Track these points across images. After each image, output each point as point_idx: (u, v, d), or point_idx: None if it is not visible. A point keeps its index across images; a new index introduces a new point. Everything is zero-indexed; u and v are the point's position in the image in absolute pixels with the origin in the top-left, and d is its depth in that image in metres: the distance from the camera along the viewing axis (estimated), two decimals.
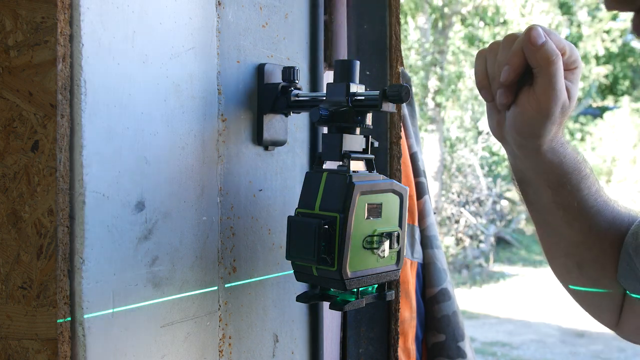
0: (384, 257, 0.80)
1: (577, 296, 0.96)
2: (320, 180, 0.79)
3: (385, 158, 1.15)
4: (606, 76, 12.76)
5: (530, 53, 0.76)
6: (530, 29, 0.77)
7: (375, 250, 0.79)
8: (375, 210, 0.79)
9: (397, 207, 0.82)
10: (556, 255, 0.92)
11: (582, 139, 12.66)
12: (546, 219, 0.88)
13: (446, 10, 9.79)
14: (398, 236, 0.81)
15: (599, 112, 13.27)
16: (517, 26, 10.50)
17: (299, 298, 0.85)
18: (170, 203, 0.77)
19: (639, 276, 0.86)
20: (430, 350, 1.45)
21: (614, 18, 11.58)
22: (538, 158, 0.83)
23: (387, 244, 0.80)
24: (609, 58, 12.51)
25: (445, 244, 9.62)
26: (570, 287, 0.94)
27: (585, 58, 12.23)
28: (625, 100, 12.35)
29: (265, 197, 0.92)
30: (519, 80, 0.80)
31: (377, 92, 0.78)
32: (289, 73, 0.87)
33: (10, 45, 0.69)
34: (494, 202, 10.46)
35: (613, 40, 11.76)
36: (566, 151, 0.84)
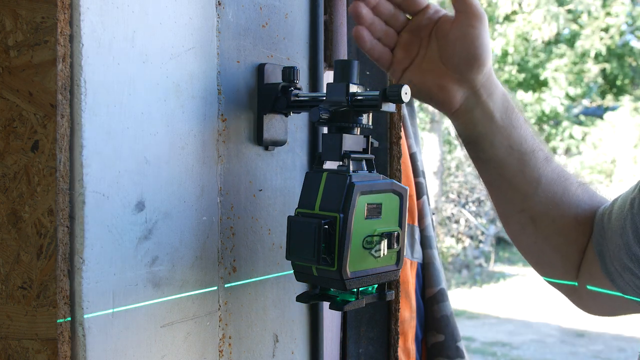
0: (379, 257, 0.79)
1: (533, 255, 0.97)
2: (320, 180, 0.79)
3: (385, 158, 1.15)
4: (605, 75, 12.76)
5: None
6: None
7: (374, 250, 0.79)
8: (375, 210, 0.79)
9: (397, 207, 0.82)
10: (510, 212, 0.94)
11: (582, 139, 12.66)
12: (500, 172, 0.90)
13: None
14: (398, 236, 0.81)
15: (599, 112, 13.27)
16: (522, 22, 10.49)
17: (299, 298, 0.85)
18: (170, 203, 0.77)
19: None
20: (429, 350, 1.45)
21: (610, 14, 11.60)
22: (484, 95, 0.86)
23: (383, 244, 0.79)
24: (608, 57, 12.51)
25: (445, 244, 9.62)
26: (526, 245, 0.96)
27: (583, 56, 12.25)
28: (626, 99, 12.34)
29: (265, 197, 0.92)
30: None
31: (377, 92, 0.78)
32: (289, 73, 0.87)
33: (10, 45, 0.69)
34: None
35: (611, 37, 11.78)
36: (501, 90, 0.88)
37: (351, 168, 0.79)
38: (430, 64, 0.87)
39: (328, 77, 1.03)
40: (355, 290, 0.79)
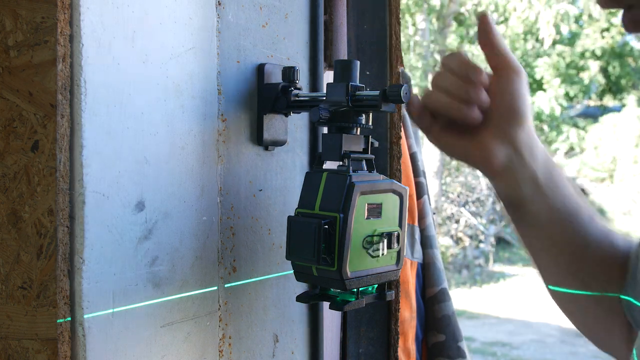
0: (378, 256, 0.79)
1: (587, 322, 0.93)
2: (320, 180, 0.79)
3: (385, 158, 1.14)
4: (606, 75, 12.76)
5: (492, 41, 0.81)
6: (484, 29, 0.81)
7: (375, 250, 0.79)
8: (375, 210, 0.79)
9: (397, 207, 0.82)
10: (560, 278, 0.89)
11: (582, 139, 12.66)
12: (547, 235, 0.86)
13: (444, 10, 9.79)
14: (398, 236, 0.81)
15: (598, 112, 13.28)
16: (518, 20, 10.49)
17: (299, 298, 0.85)
18: (170, 203, 0.77)
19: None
20: (430, 350, 1.45)
21: (612, 13, 11.60)
22: (526, 154, 0.83)
23: (382, 244, 0.79)
24: (609, 57, 12.51)
25: (445, 244, 9.62)
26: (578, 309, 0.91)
27: (584, 55, 12.25)
28: (628, 99, 12.34)
29: (265, 197, 0.92)
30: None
31: (377, 92, 0.78)
32: (289, 73, 0.87)
33: (10, 45, 0.69)
34: (494, 202, 10.45)
35: (612, 37, 11.81)
36: (542, 147, 0.85)
37: (351, 168, 0.79)
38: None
39: (328, 77, 1.03)
40: (355, 290, 0.79)
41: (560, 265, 0.88)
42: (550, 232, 0.85)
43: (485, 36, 0.81)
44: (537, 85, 12.65)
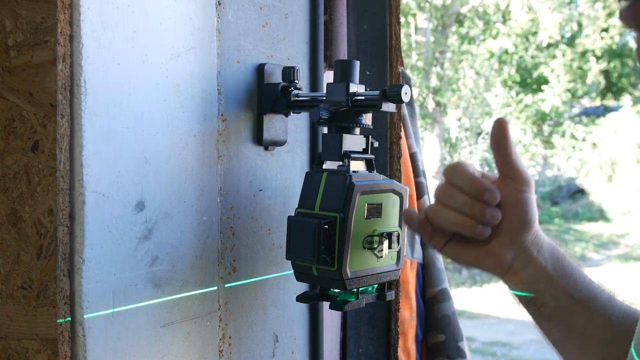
0: (382, 256, 0.79)
1: None
2: (320, 180, 0.79)
3: (385, 158, 1.14)
4: (606, 75, 12.76)
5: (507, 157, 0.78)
6: (499, 143, 0.78)
7: (375, 250, 0.79)
8: (375, 210, 0.79)
9: (397, 207, 0.82)
10: None
11: (583, 139, 12.65)
12: (568, 325, 0.85)
13: (446, 10, 9.80)
14: (398, 236, 0.81)
15: (598, 112, 13.28)
16: (517, 23, 10.48)
17: (299, 298, 0.85)
18: (170, 203, 0.77)
19: None
20: (430, 350, 1.45)
21: (611, 14, 11.60)
22: (534, 252, 0.83)
23: (386, 243, 0.80)
24: (610, 57, 12.52)
25: None
26: None
27: (584, 55, 12.25)
28: (627, 99, 12.34)
29: (265, 197, 0.92)
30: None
31: (377, 92, 0.78)
32: (289, 73, 0.87)
33: (10, 45, 0.69)
34: None
35: (612, 37, 11.83)
36: (547, 239, 0.84)
37: (351, 168, 0.79)
38: None
39: (328, 77, 1.03)
40: (355, 290, 0.79)
41: (590, 353, 0.86)
42: (572, 320, 0.84)
43: (500, 143, 0.78)
44: (537, 85, 12.65)
